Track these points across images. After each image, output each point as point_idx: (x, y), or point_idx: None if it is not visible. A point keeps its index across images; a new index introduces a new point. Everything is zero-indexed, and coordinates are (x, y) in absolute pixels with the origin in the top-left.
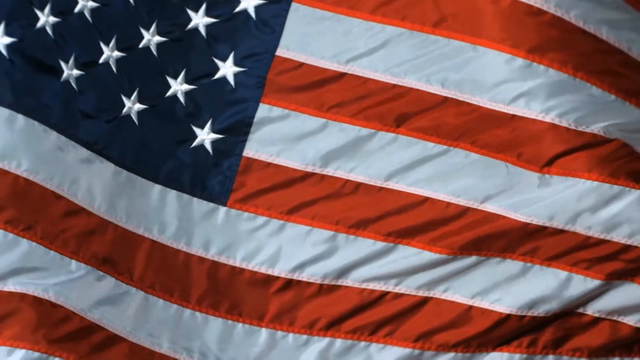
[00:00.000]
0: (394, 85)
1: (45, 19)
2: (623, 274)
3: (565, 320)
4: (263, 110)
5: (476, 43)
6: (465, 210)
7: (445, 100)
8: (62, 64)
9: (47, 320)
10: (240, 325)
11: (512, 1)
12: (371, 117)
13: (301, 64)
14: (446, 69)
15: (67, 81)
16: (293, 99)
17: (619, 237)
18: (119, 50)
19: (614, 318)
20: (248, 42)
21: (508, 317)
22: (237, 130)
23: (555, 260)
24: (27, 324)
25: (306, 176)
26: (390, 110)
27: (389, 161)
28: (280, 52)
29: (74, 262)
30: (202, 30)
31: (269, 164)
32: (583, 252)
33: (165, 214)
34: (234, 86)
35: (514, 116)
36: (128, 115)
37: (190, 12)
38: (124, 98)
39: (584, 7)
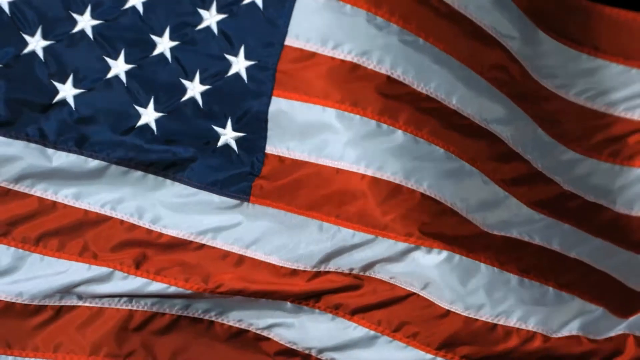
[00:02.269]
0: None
1: (36, 43)
2: None
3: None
4: (277, 103)
5: None
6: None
7: None
8: (57, 84)
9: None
10: (264, 299)
11: None
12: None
13: (311, 54)
14: None
15: (62, 100)
16: (305, 90)
17: None
18: (128, 62)
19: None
20: (257, 34)
21: (534, 335)
22: (256, 126)
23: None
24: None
25: (325, 170)
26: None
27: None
28: (289, 41)
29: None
30: (214, 28)
31: (289, 159)
32: None
33: (187, 214)
34: (246, 81)
35: None
36: (146, 125)
37: (202, 11)
38: (138, 108)
39: None
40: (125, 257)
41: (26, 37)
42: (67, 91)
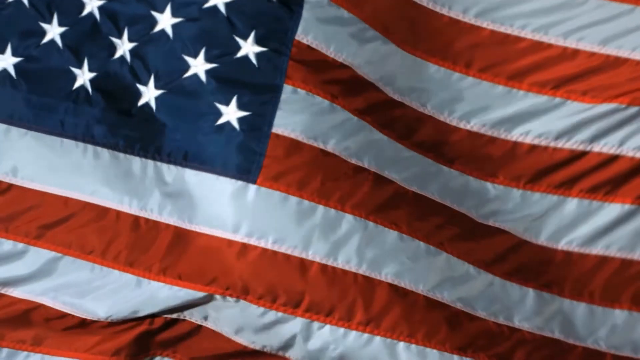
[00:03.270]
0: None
1: (53, 31)
2: None
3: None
4: (288, 91)
5: None
6: None
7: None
8: (75, 71)
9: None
10: (272, 312)
11: None
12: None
13: (317, 52)
14: None
15: (81, 87)
16: (316, 83)
17: None
18: (131, 41)
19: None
20: (268, 22)
21: (523, 333)
22: (264, 107)
23: None
24: None
25: (335, 158)
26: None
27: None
28: (300, 36)
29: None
30: (222, 8)
31: (299, 142)
32: None
33: (188, 197)
34: (257, 65)
35: None
36: (146, 104)
37: None
38: (140, 87)
39: None
40: (151, 262)
41: (44, 25)
42: (84, 77)
